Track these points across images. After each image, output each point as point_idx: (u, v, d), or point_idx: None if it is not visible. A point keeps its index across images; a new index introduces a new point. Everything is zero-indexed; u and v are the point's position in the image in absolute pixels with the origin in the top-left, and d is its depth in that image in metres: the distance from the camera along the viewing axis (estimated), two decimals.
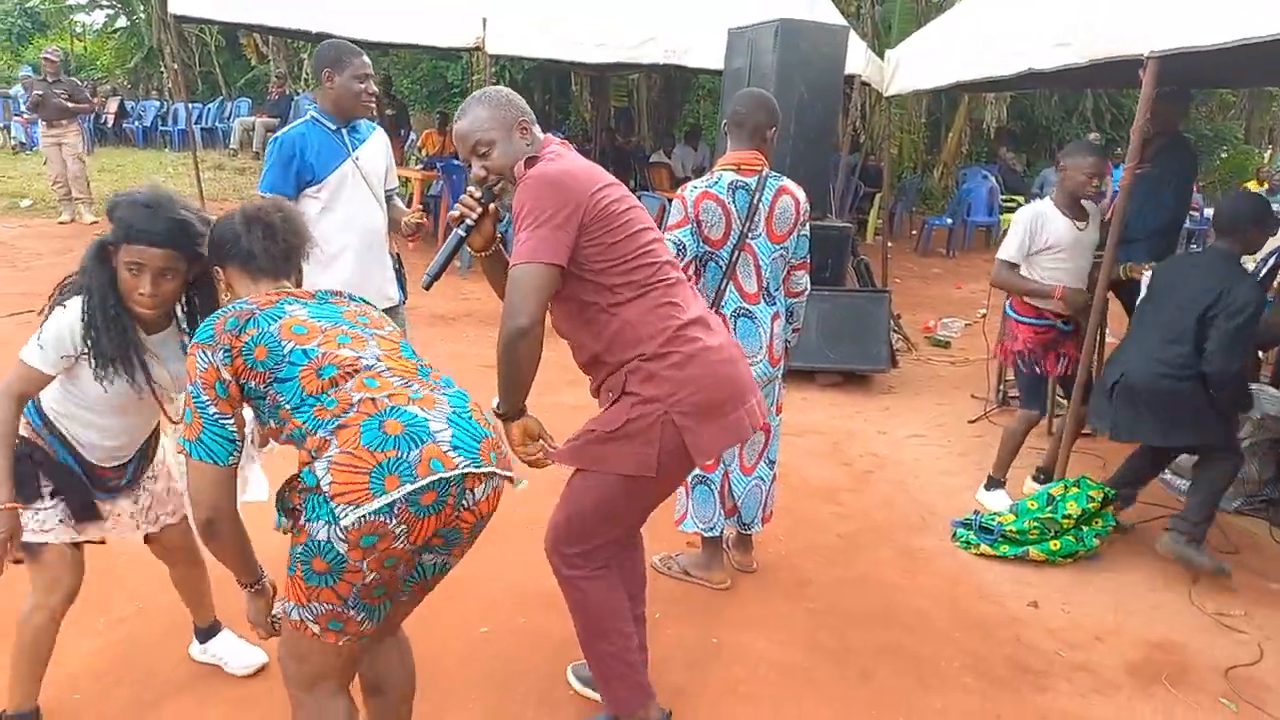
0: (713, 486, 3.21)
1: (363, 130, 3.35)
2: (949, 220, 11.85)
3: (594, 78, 14.50)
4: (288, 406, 1.73)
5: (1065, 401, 4.46)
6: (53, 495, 2.21)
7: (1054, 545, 3.57)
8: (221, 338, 1.75)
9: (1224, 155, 17.06)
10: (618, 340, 2.14)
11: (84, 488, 2.24)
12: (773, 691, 2.73)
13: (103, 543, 2.38)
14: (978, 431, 5.18)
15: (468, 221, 2.18)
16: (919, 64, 6.52)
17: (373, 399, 1.70)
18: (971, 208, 11.84)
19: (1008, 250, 3.92)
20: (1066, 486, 3.71)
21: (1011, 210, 11.36)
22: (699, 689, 2.71)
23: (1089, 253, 3.96)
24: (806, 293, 3.25)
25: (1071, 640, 3.10)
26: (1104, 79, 7.42)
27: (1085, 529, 3.62)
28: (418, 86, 17.04)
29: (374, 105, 3.30)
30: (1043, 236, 3.86)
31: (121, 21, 21.78)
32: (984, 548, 3.61)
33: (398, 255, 3.54)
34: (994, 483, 4.17)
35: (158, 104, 18.22)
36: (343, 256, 3.24)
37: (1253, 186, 14.20)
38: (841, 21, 7.31)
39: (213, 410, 1.75)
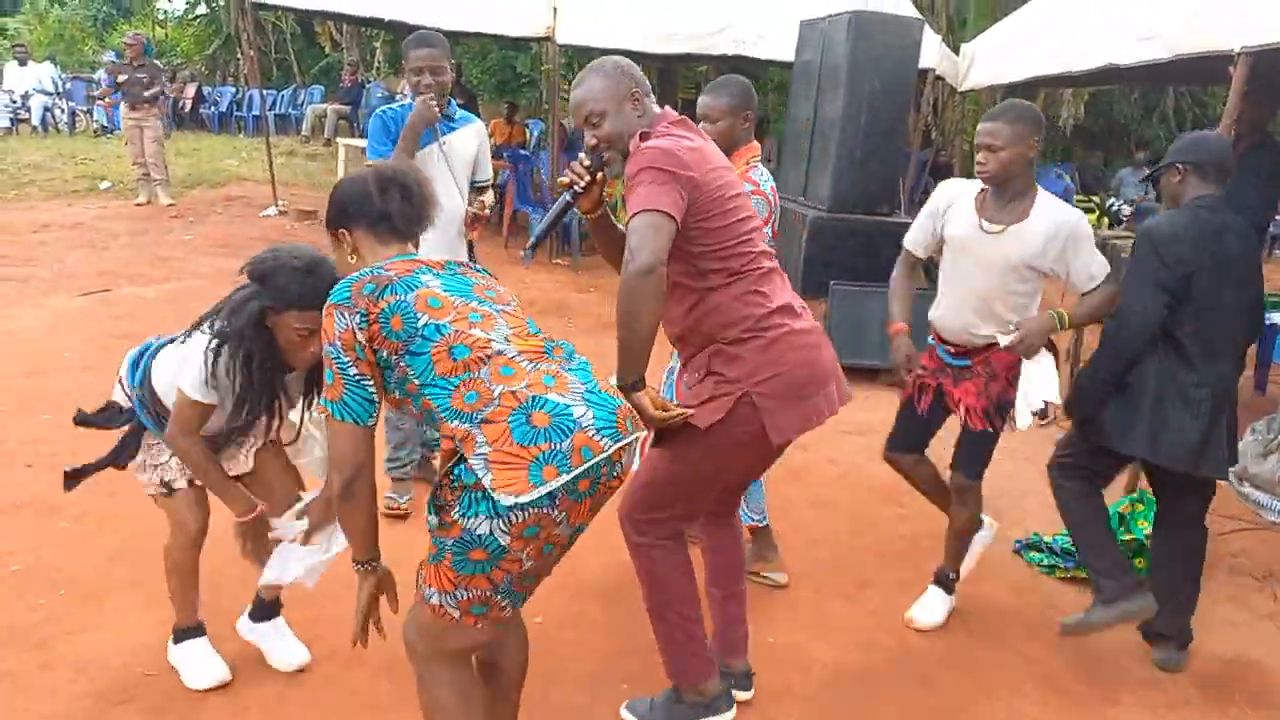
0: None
1: (456, 118, 3.43)
2: None
3: (662, 70, 14.47)
4: (416, 381, 1.76)
5: None
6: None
7: (1140, 564, 3.44)
8: (359, 301, 1.76)
9: None
10: (704, 323, 2.20)
11: None
12: (829, 694, 2.70)
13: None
14: (1048, 436, 5.04)
15: (576, 188, 2.21)
16: (995, 59, 6.39)
17: (513, 391, 1.72)
18: None
19: (909, 235, 3.07)
20: (1132, 504, 3.60)
21: (1089, 211, 11.08)
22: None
23: (1005, 273, 2.77)
24: None
25: (1140, 653, 3.01)
26: (1188, 76, 7.18)
27: None
28: (487, 76, 17.20)
29: (433, 95, 3.25)
30: (942, 223, 2.92)
31: (201, 8, 22.39)
32: (1072, 571, 3.47)
33: (471, 243, 3.59)
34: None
35: (233, 90, 18.68)
36: None
37: None
38: (916, 14, 7.19)
39: (353, 371, 1.77)
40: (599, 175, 2.21)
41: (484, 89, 16.86)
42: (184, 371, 2.18)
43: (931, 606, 3.11)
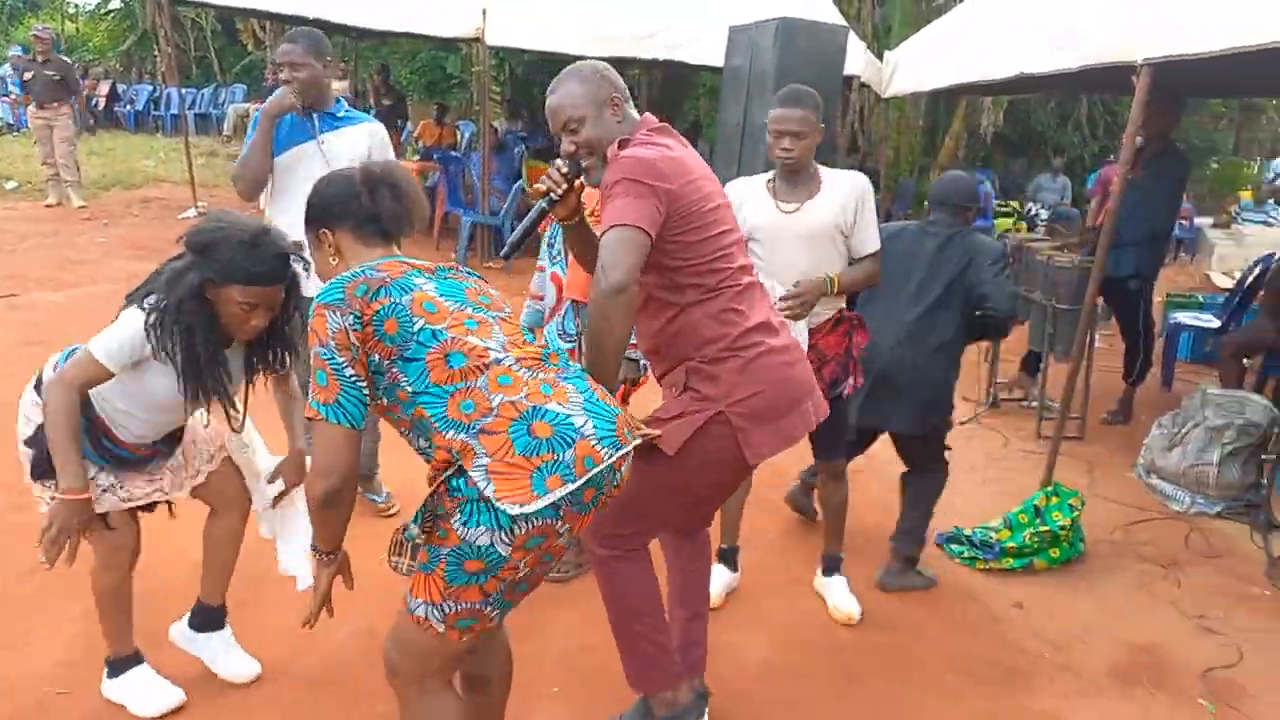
0: None
1: (341, 116, 3.34)
2: None
3: None
4: (409, 388, 1.71)
5: (1054, 404, 4.50)
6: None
7: (1054, 553, 3.60)
8: (352, 303, 1.70)
9: (1214, 165, 17.13)
10: (679, 339, 2.16)
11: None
12: (761, 689, 2.75)
13: (171, 515, 2.44)
14: (968, 434, 5.20)
15: (552, 195, 2.15)
16: (916, 66, 6.55)
17: (512, 402, 1.69)
18: None
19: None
20: (1047, 496, 3.74)
21: (1007, 216, 11.44)
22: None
23: (816, 243, 2.89)
24: None
25: (1055, 641, 3.13)
26: (1098, 85, 7.48)
27: (1073, 535, 3.65)
28: (416, 77, 17.01)
29: (296, 88, 3.18)
30: (743, 218, 2.90)
31: (115, 3, 21.65)
32: (990, 563, 3.59)
33: None
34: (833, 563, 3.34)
35: (150, 88, 18.12)
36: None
37: (1245, 196, 14.28)
38: (842, 22, 7.34)
39: (350, 372, 1.70)
40: (576, 182, 2.15)
41: (413, 90, 16.65)
42: (102, 336, 2.07)
43: (844, 593, 3.23)
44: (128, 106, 17.36)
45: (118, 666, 2.41)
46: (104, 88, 17.15)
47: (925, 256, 3.26)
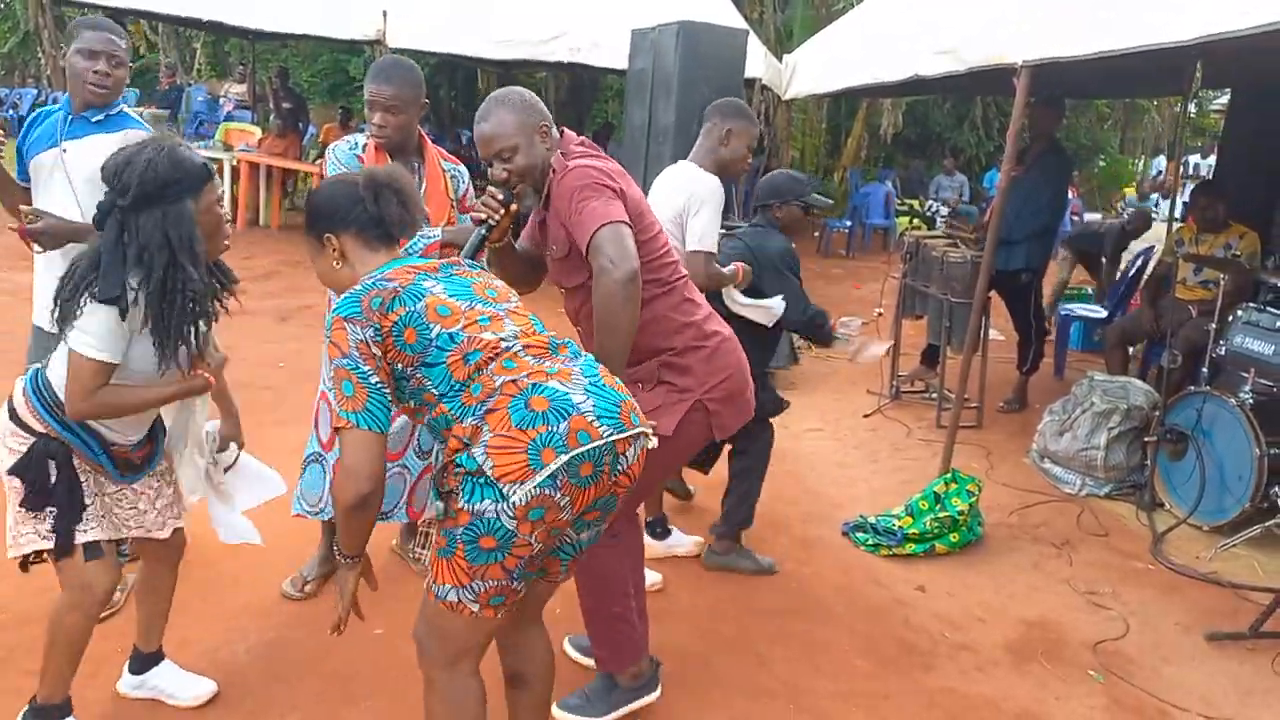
0: (326, 466, 3.00)
1: (95, 121, 2.76)
2: (848, 223, 12.20)
3: (501, 75, 14.40)
4: (434, 392, 1.79)
5: (951, 395, 4.67)
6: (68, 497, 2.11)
7: (954, 538, 3.73)
8: (370, 316, 1.76)
9: (1101, 164, 17.99)
10: (646, 333, 2.27)
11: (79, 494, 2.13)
12: (670, 679, 2.78)
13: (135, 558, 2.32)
14: (872, 425, 5.36)
15: (489, 222, 2.24)
16: (815, 69, 6.71)
17: (514, 380, 1.76)
18: (869, 210, 12.24)
19: (712, 236, 3.12)
20: (946, 483, 3.87)
21: (907, 214, 11.80)
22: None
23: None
24: None
25: (956, 622, 3.25)
26: (986, 87, 7.78)
27: (971, 519, 3.79)
28: (318, 80, 16.62)
29: (103, 90, 2.73)
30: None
31: None
32: (894, 549, 3.69)
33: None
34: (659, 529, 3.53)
35: (34, 92, 17.27)
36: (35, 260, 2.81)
37: (1129, 192, 15.01)
38: (743, 25, 7.46)
39: (375, 380, 1.76)
40: (511, 208, 2.25)
41: (315, 94, 16.27)
42: (82, 337, 1.96)
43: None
44: (10, 111, 16.50)
45: (46, 715, 2.22)
46: None
47: (726, 257, 3.30)
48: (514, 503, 1.69)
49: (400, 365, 1.79)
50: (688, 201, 3.08)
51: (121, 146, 2.06)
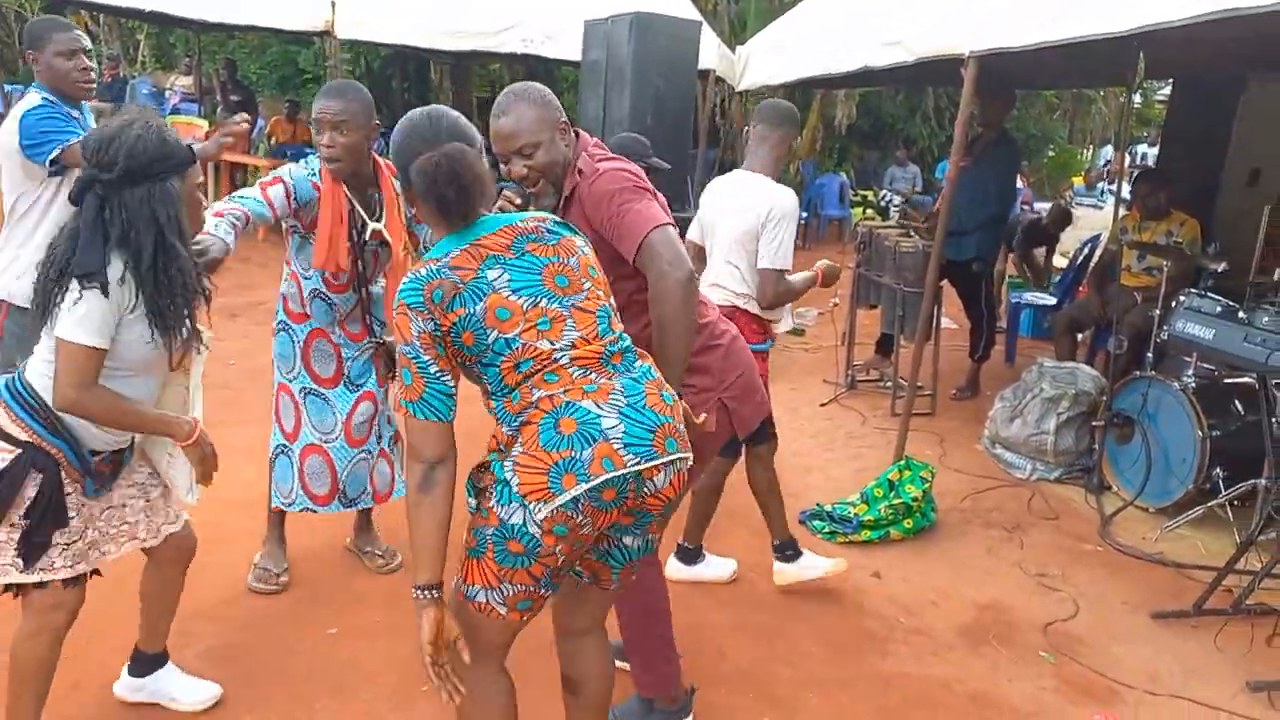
0: (293, 458, 3.01)
1: (88, 117, 3.11)
2: (804, 214, 12.27)
3: (453, 66, 14.26)
4: (488, 385, 1.81)
5: (903, 381, 4.72)
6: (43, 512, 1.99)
7: (908, 524, 3.78)
8: (432, 309, 1.74)
9: (1051, 154, 18.30)
10: None
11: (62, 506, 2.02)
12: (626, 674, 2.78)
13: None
14: (828, 414, 5.41)
15: None
16: (767, 60, 6.73)
17: (550, 395, 1.75)
18: (824, 201, 12.34)
19: (789, 253, 3.07)
20: (900, 470, 3.92)
21: (862, 204, 11.91)
22: (546, 675, 2.72)
23: None
24: None
25: (910, 607, 3.29)
26: (936, 78, 7.86)
27: (925, 505, 3.85)
28: (266, 72, 16.30)
29: (91, 84, 3.04)
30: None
31: None
32: (850, 536, 3.74)
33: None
34: (689, 553, 3.38)
35: None
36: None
37: (1077, 181, 15.28)
38: (697, 16, 7.46)
39: (434, 369, 1.75)
40: (529, 207, 2.21)
41: (264, 86, 15.97)
42: (70, 325, 1.87)
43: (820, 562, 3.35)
44: None
45: None
46: None
47: None
48: (539, 518, 1.70)
49: (460, 359, 1.80)
50: (768, 215, 3.01)
51: (102, 123, 2.00)
